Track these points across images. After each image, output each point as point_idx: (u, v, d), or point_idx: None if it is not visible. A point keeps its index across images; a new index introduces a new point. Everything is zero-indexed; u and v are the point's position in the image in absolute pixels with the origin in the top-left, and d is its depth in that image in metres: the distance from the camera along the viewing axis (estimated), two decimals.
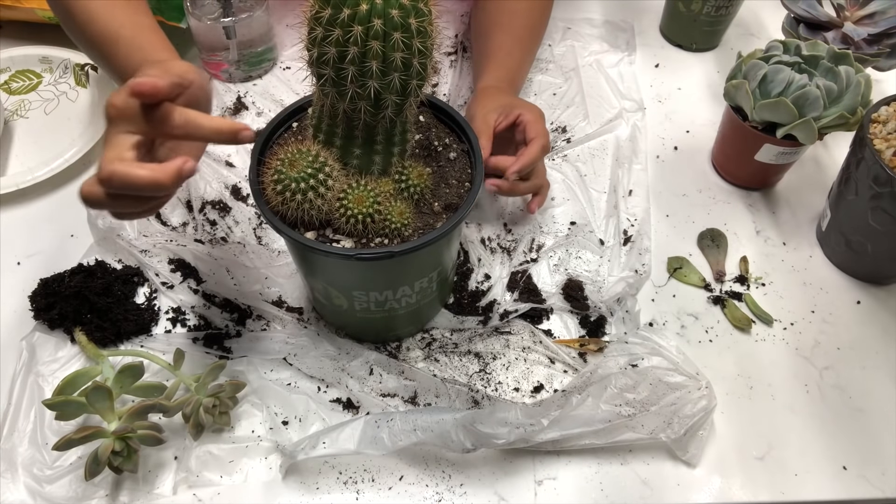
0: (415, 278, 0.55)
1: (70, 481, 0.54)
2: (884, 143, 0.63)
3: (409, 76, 0.46)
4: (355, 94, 0.47)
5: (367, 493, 0.55)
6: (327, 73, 0.46)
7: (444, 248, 0.56)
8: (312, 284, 0.59)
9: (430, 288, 0.57)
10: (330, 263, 0.53)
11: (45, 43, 0.87)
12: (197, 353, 0.61)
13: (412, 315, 0.61)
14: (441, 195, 0.55)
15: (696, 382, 0.58)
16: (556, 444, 0.55)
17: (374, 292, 0.54)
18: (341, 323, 0.63)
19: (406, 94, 0.47)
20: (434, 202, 0.55)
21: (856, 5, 0.79)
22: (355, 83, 0.46)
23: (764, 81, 0.69)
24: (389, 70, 0.45)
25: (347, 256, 0.49)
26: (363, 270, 0.53)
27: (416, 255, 0.50)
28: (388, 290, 0.54)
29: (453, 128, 0.59)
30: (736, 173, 0.78)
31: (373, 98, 0.47)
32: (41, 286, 0.63)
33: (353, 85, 0.46)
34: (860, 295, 0.69)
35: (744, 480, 0.57)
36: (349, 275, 0.54)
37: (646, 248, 0.71)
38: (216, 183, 0.75)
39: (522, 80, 0.79)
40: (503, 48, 0.76)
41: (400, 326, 0.62)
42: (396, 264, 0.52)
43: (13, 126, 0.81)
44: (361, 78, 0.46)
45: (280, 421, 0.58)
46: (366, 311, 0.57)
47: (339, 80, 0.46)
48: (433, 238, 0.50)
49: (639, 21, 0.99)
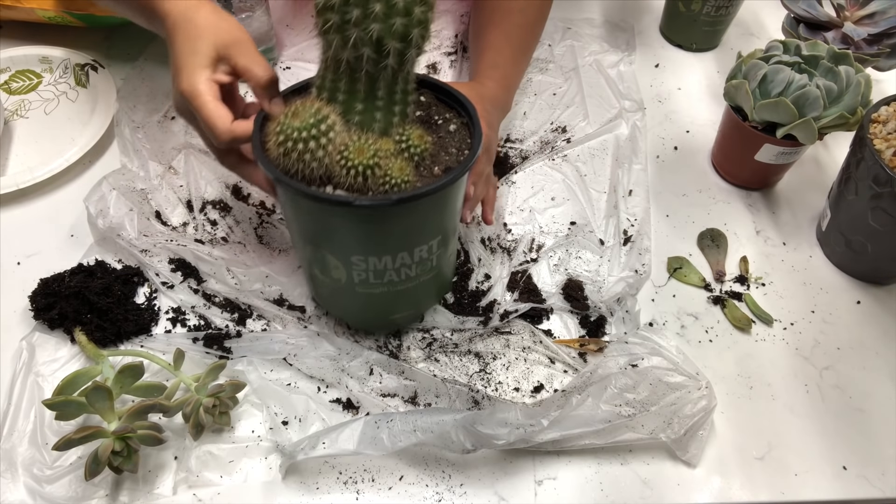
0: (414, 244, 0.54)
1: (70, 481, 0.54)
2: (884, 143, 0.63)
3: (410, 23, 0.47)
4: (359, 39, 0.47)
5: (367, 493, 0.55)
6: (333, 19, 0.47)
7: (444, 209, 0.55)
8: (311, 256, 0.58)
9: (429, 261, 0.57)
10: (328, 219, 0.52)
11: (45, 43, 0.87)
12: (197, 353, 0.61)
13: (411, 295, 0.59)
14: (441, 161, 0.56)
15: (696, 382, 0.58)
16: (557, 444, 0.55)
17: (373, 257, 0.54)
18: (340, 306, 0.62)
19: (408, 41, 0.48)
20: (434, 166, 0.55)
21: (856, 5, 0.79)
22: (359, 26, 0.47)
23: (764, 81, 0.69)
24: (392, 14, 0.46)
25: (346, 203, 0.49)
26: (361, 226, 0.52)
27: (415, 211, 0.50)
28: (388, 255, 0.54)
29: (453, 106, 0.60)
30: (736, 173, 0.78)
31: (375, 43, 0.48)
32: (41, 286, 0.63)
33: (356, 28, 0.47)
34: (860, 295, 0.69)
35: (744, 480, 0.57)
36: (347, 233, 0.53)
37: (646, 248, 0.71)
38: (217, 183, 0.75)
39: (515, 78, 0.78)
40: (493, 46, 0.75)
41: (399, 308, 0.61)
42: (396, 220, 0.52)
43: (13, 126, 0.81)
44: (365, 20, 0.47)
45: (280, 421, 0.58)
46: (365, 285, 0.56)
47: (344, 23, 0.47)
48: (435, 188, 0.50)
49: (639, 21, 0.99)
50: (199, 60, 0.54)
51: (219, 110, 0.53)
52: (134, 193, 0.72)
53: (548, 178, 0.78)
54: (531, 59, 0.83)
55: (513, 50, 0.76)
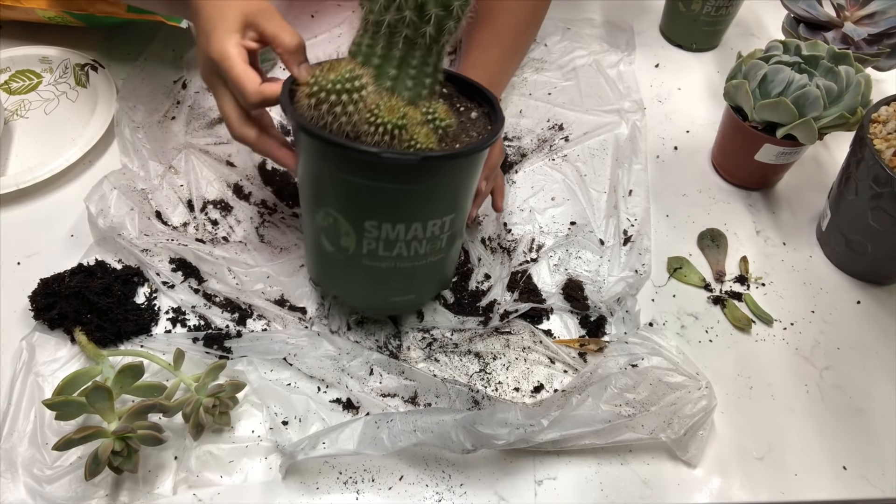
0: (429, 215, 0.54)
1: (70, 481, 0.54)
2: (884, 143, 0.63)
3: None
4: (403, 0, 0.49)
5: (367, 493, 0.55)
6: None
7: (462, 183, 0.55)
8: (321, 223, 0.57)
9: (439, 240, 0.56)
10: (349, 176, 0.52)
11: (45, 43, 0.87)
12: (197, 353, 0.61)
13: (415, 277, 0.59)
14: (462, 142, 0.57)
15: (696, 382, 0.58)
16: (557, 444, 0.55)
17: (387, 224, 0.53)
18: (341, 282, 0.61)
19: (449, 10, 0.50)
20: (455, 144, 0.56)
21: (856, 5, 0.79)
22: None
23: (764, 81, 0.69)
24: None
25: (373, 154, 0.49)
26: (382, 185, 0.52)
27: (438, 175, 0.51)
28: (402, 223, 0.54)
29: (474, 97, 0.61)
30: (736, 173, 0.78)
31: (419, 7, 0.49)
32: (41, 286, 0.63)
33: None
34: (860, 295, 0.69)
35: (744, 480, 0.57)
36: (366, 194, 0.53)
37: (646, 248, 0.71)
38: (217, 182, 0.75)
39: (501, 77, 0.77)
40: (481, 45, 0.75)
41: (400, 290, 0.60)
42: (417, 182, 0.52)
43: (13, 126, 0.81)
44: None
45: (280, 421, 0.58)
46: (373, 257, 0.56)
47: None
48: (462, 151, 0.52)
49: (639, 21, 0.99)
50: (228, 25, 0.55)
51: (248, 72, 0.54)
52: (134, 193, 0.72)
53: (548, 178, 0.78)
54: (523, 58, 0.83)
55: (501, 49, 0.76)
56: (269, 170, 0.77)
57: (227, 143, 0.79)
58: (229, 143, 0.79)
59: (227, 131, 0.80)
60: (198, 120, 0.82)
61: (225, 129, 0.80)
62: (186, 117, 0.82)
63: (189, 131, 0.80)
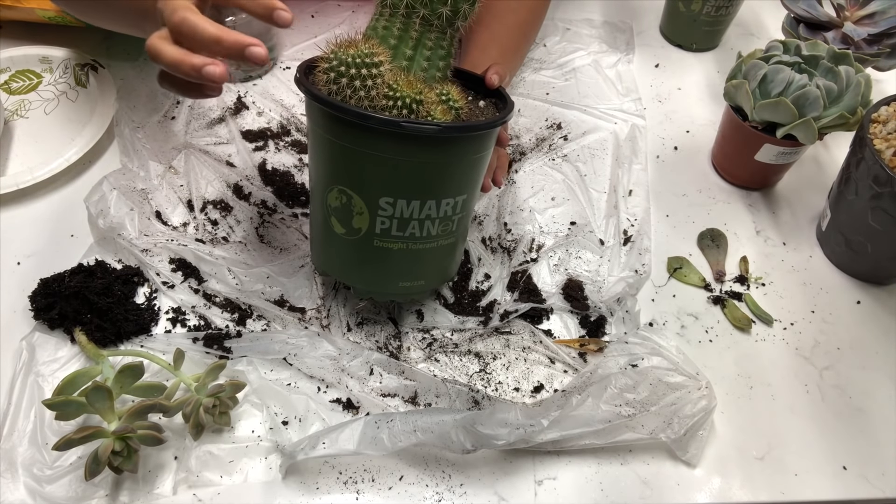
0: (444, 193, 0.54)
1: (70, 481, 0.54)
2: (884, 143, 0.63)
3: None
4: None
5: (367, 493, 0.55)
6: None
7: (477, 161, 0.56)
8: (333, 204, 0.56)
9: (451, 222, 0.57)
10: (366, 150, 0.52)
11: (45, 43, 0.87)
12: (197, 353, 0.61)
13: (426, 261, 0.58)
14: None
15: (696, 382, 0.58)
16: (557, 444, 0.55)
17: (401, 200, 0.53)
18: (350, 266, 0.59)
19: None
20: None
21: (856, 5, 0.79)
22: None
23: (764, 81, 0.69)
24: None
25: (393, 123, 0.49)
26: (400, 158, 0.52)
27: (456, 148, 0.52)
28: (417, 200, 0.54)
29: (479, 91, 0.63)
30: (736, 173, 0.78)
31: None
32: (41, 286, 0.63)
33: None
34: (860, 295, 0.69)
35: (744, 480, 0.57)
36: (382, 168, 0.52)
37: (646, 248, 0.71)
38: (217, 182, 0.75)
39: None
40: (479, 46, 0.75)
41: (411, 274, 0.59)
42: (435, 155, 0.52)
43: (13, 126, 0.81)
44: None
45: (280, 421, 0.58)
46: (385, 237, 0.55)
47: None
48: (481, 123, 0.53)
49: (639, 21, 0.99)
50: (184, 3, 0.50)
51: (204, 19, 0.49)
52: (134, 193, 0.72)
53: (548, 178, 0.78)
54: (523, 60, 0.82)
55: (500, 50, 0.76)
56: (269, 170, 0.77)
57: (227, 143, 0.79)
58: (229, 143, 0.79)
59: (227, 131, 0.81)
60: (198, 120, 0.82)
61: (225, 128, 0.81)
62: (186, 117, 0.82)
63: (189, 131, 0.80)
